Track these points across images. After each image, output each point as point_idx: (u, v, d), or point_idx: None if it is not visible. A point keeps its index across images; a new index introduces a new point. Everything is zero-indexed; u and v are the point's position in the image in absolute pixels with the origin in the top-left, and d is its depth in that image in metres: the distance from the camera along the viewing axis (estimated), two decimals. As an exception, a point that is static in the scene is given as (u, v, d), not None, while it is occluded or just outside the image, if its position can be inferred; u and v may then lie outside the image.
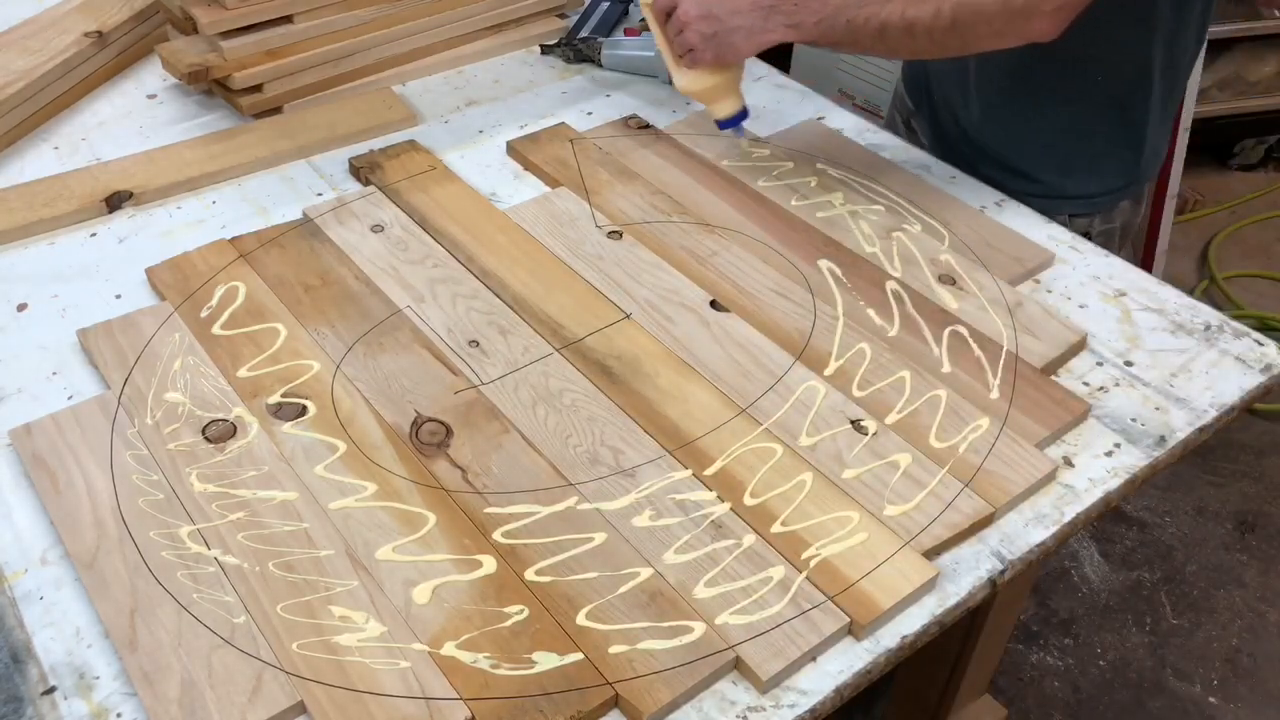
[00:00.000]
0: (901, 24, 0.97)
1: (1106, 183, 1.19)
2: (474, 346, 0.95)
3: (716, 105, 1.13)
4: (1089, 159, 1.18)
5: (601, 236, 1.08)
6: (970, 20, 0.94)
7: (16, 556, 0.79)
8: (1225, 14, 2.46)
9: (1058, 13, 0.93)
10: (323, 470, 0.84)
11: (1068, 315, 1.00)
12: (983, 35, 0.96)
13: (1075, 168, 1.18)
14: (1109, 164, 1.18)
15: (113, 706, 0.70)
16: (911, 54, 1.02)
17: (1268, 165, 2.88)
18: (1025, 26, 0.94)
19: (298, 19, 1.27)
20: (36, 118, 1.27)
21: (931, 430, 0.87)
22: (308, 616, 0.73)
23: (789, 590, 0.75)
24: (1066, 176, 1.19)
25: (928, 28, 0.96)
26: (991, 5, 0.93)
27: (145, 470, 0.83)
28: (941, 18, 0.95)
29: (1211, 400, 0.93)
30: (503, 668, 0.70)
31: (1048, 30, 0.94)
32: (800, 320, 0.98)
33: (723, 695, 0.71)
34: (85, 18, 1.37)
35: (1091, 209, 1.20)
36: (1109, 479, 0.86)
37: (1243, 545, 1.98)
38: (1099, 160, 1.18)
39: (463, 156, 1.23)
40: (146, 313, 0.98)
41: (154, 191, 1.15)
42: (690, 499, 0.82)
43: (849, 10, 0.99)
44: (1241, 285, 2.53)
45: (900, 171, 1.18)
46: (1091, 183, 1.19)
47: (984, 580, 0.79)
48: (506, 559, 0.77)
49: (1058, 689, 1.74)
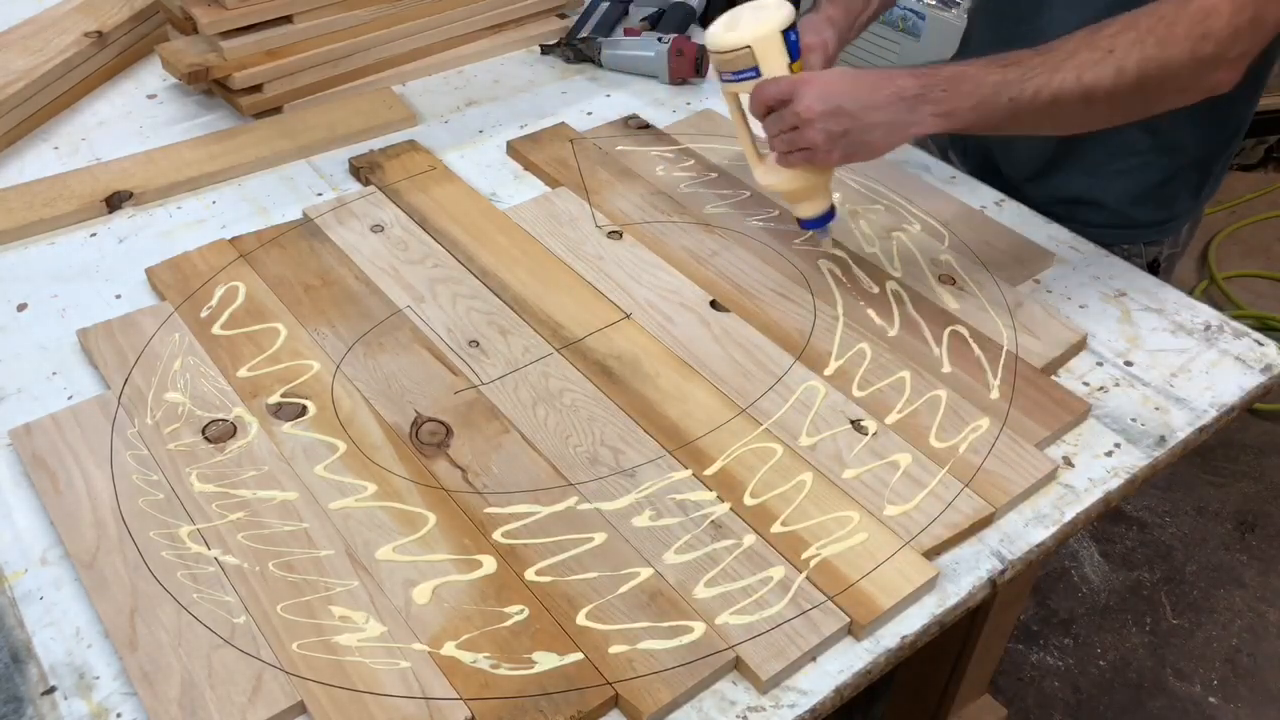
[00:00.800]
0: (1078, 92, 0.85)
1: (1174, 209, 1.15)
2: (474, 346, 0.95)
3: (805, 205, 0.99)
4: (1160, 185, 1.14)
5: (601, 236, 1.08)
6: (1157, 77, 0.84)
7: (16, 556, 0.79)
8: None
9: (1240, 60, 0.85)
10: (323, 470, 0.84)
11: (1068, 315, 1.00)
12: (1169, 92, 0.86)
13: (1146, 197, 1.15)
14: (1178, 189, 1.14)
15: (113, 706, 0.70)
16: (1080, 125, 0.90)
17: (1268, 165, 2.88)
18: (1211, 78, 0.85)
19: (298, 19, 1.27)
20: (36, 118, 1.27)
21: (931, 430, 0.87)
22: (308, 616, 0.73)
23: (789, 590, 0.75)
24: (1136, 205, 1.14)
25: (1109, 92, 0.84)
26: (1180, 57, 0.83)
27: (145, 470, 0.83)
28: (1125, 78, 0.84)
29: (1211, 400, 0.93)
30: (503, 668, 0.70)
31: (1229, 80, 0.86)
32: (800, 320, 0.98)
33: (723, 695, 0.71)
34: (85, 18, 1.37)
35: (1162, 235, 1.17)
36: (1109, 479, 0.86)
37: (1243, 545, 1.98)
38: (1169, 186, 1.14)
39: (463, 156, 1.23)
40: (146, 313, 0.98)
41: (154, 191, 1.15)
42: (690, 499, 0.82)
43: (1011, 88, 0.86)
44: (1241, 285, 2.53)
45: (900, 171, 1.18)
46: (1159, 210, 1.16)
47: (984, 580, 0.79)
48: (506, 559, 0.77)
49: (1058, 689, 1.74)
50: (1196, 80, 0.86)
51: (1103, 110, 0.87)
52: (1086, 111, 0.87)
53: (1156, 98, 0.87)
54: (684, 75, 1.36)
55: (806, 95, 0.89)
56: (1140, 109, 0.89)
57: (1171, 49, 0.83)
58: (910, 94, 0.87)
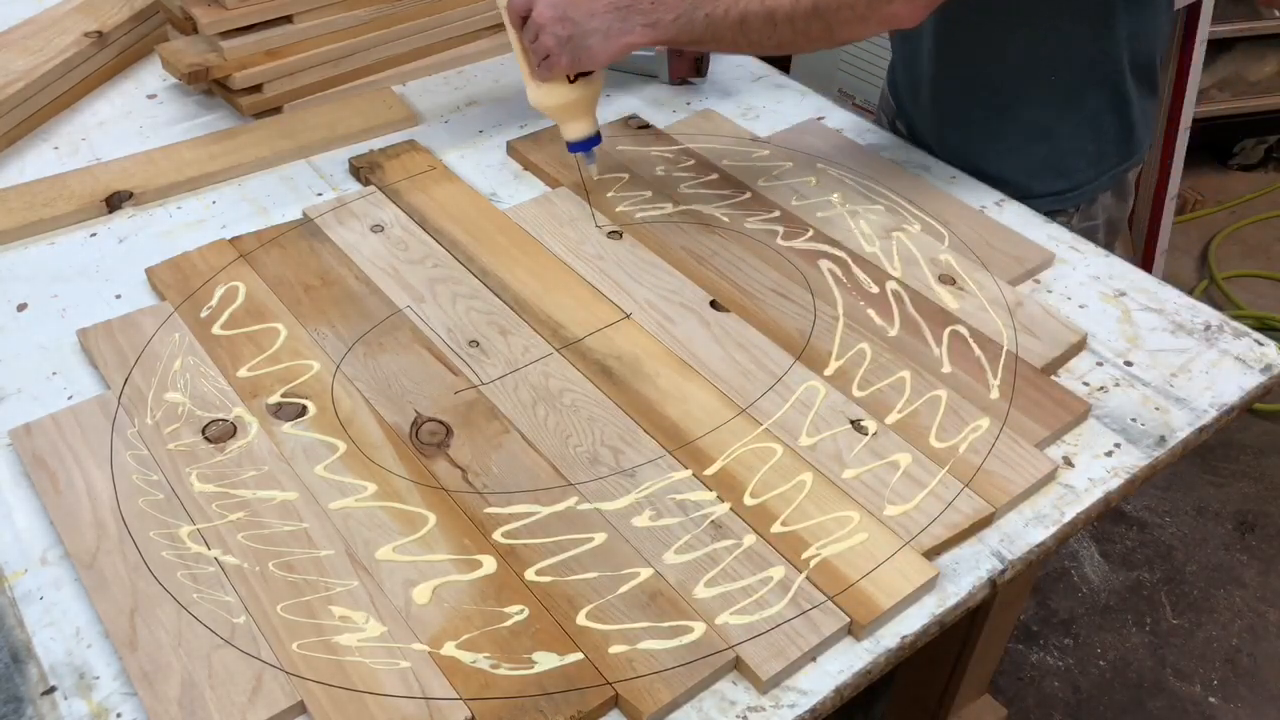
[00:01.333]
0: (762, 13, 0.94)
1: (1074, 178, 1.18)
2: (474, 346, 0.95)
3: (569, 125, 1.07)
4: (1053, 157, 1.17)
5: (601, 236, 1.08)
6: (831, 5, 0.92)
7: (16, 556, 0.79)
8: (1225, 14, 2.46)
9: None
10: (323, 470, 0.84)
11: (1068, 315, 1.00)
12: (845, 20, 0.93)
13: (1039, 167, 1.17)
14: (1074, 160, 1.17)
15: (113, 706, 0.70)
16: (776, 47, 0.97)
17: (1268, 165, 2.88)
18: (887, 10, 0.92)
19: (298, 19, 1.27)
20: (36, 118, 1.27)
21: (931, 430, 0.87)
22: (308, 616, 0.73)
23: (789, 590, 0.75)
24: (1032, 177, 1.17)
25: (789, 15, 0.93)
26: None
27: (145, 470, 0.83)
28: (802, 3, 0.92)
29: (1211, 400, 0.93)
30: (503, 668, 0.70)
31: (909, 15, 0.93)
32: (800, 320, 0.98)
33: (723, 695, 0.71)
34: (85, 18, 1.37)
35: (1063, 205, 1.19)
36: (1109, 479, 0.86)
37: (1243, 545, 1.98)
38: (1064, 157, 1.17)
39: (463, 156, 1.23)
40: (146, 313, 0.98)
41: (154, 191, 1.15)
42: (690, 499, 0.82)
43: (706, 4, 0.95)
44: (1241, 285, 2.53)
45: (900, 171, 1.18)
46: (1058, 180, 1.18)
47: (984, 580, 0.79)
48: (506, 559, 0.77)
49: (1058, 689, 1.74)
50: (872, 10, 0.92)
51: (787, 32, 0.95)
52: (774, 32, 0.95)
53: (835, 24, 0.94)
54: (684, 75, 1.36)
55: (540, 3, 1.00)
56: (823, 33, 0.95)
57: None
58: (623, 4, 0.98)
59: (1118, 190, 1.23)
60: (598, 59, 1.00)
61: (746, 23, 0.95)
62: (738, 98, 1.34)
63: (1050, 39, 1.09)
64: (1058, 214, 1.18)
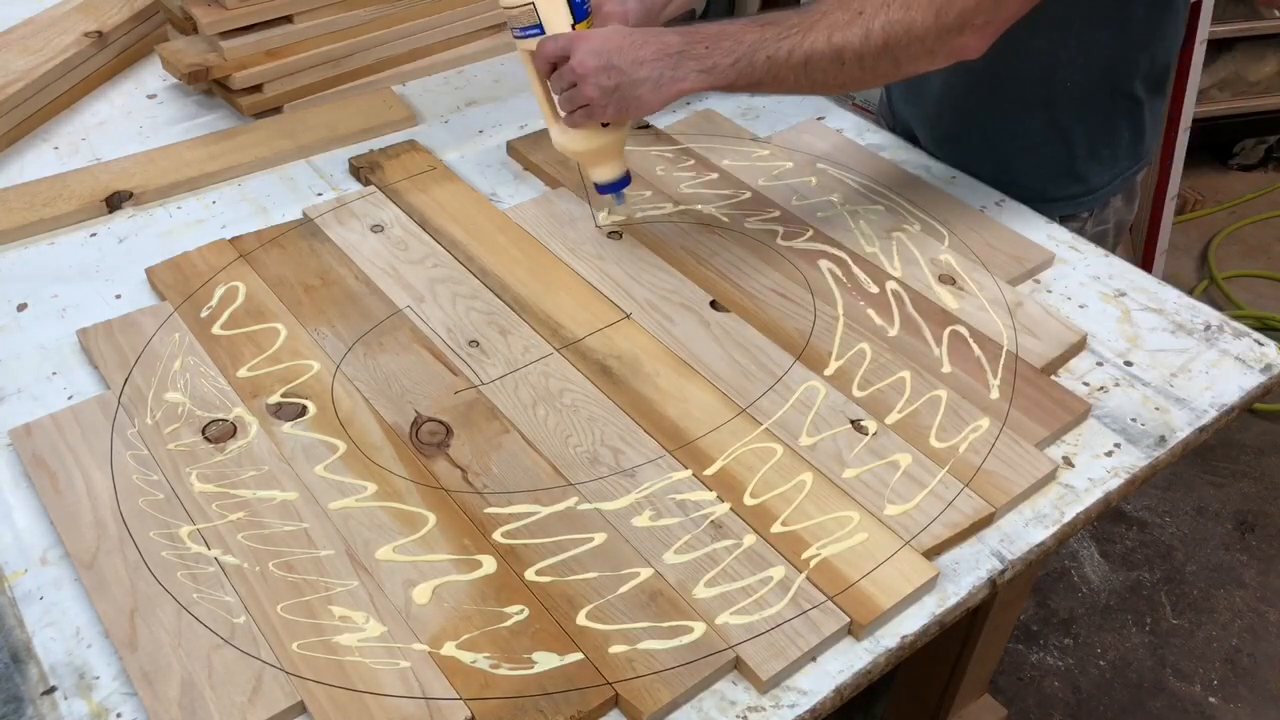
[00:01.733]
0: (829, 52, 0.89)
1: (1089, 182, 1.18)
2: (474, 346, 0.95)
3: (598, 168, 1.03)
4: (1069, 160, 1.16)
5: (601, 236, 1.08)
6: (903, 39, 0.89)
7: (16, 556, 0.79)
8: (1225, 14, 2.46)
9: (987, 27, 0.89)
10: (323, 470, 0.84)
11: (1068, 315, 1.00)
12: (915, 55, 0.90)
13: (1056, 171, 1.17)
14: (1088, 164, 1.17)
15: (113, 706, 0.70)
16: (840, 85, 0.93)
17: (1268, 165, 2.88)
18: (956, 43, 0.89)
19: (298, 19, 1.27)
20: (36, 118, 1.27)
21: (931, 430, 0.87)
22: (308, 616, 0.73)
23: (789, 590, 0.75)
24: (1048, 181, 1.17)
25: (858, 52, 0.89)
26: (924, 22, 0.88)
27: (145, 470, 0.83)
28: (871, 40, 0.89)
29: (1211, 400, 0.93)
30: (503, 668, 0.70)
31: (977, 47, 0.91)
32: (800, 320, 0.98)
33: (723, 695, 0.71)
34: (85, 18, 1.37)
35: (1078, 209, 1.19)
36: (1109, 479, 0.86)
37: (1243, 545, 1.98)
38: (1078, 161, 1.17)
39: (463, 156, 1.23)
40: (146, 313, 0.98)
41: (154, 191, 1.15)
42: (690, 499, 0.82)
43: (768, 46, 0.90)
44: (1241, 285, 2.53)
45: (900, 171, 1.18)
46: (1074, 184, 1.18)
47: (984, 580, 0.79)
48: (506, 559, 0.77)
49: (1058, 689, 1.74)
50: (941, 44, 0.89)
51: (854, 70, 0.91)
52: (840, 71, 0.91)
53: (905, 59, 0.91)
54: (684, 75, 1.35)
55: (580, 51, 0.93)
56: (890, 70, 0.92)
57: (915, 13, 0.88)
58: (674, 50, 0.92)
59: (1127, 193, 1.23)
60: (647, 108, 0.94)
61: (811, 63, 0.90)
62: (738, 98, 1.34)
63: (1069, 45, 1.08)
64: (1070, 219, 1.18)
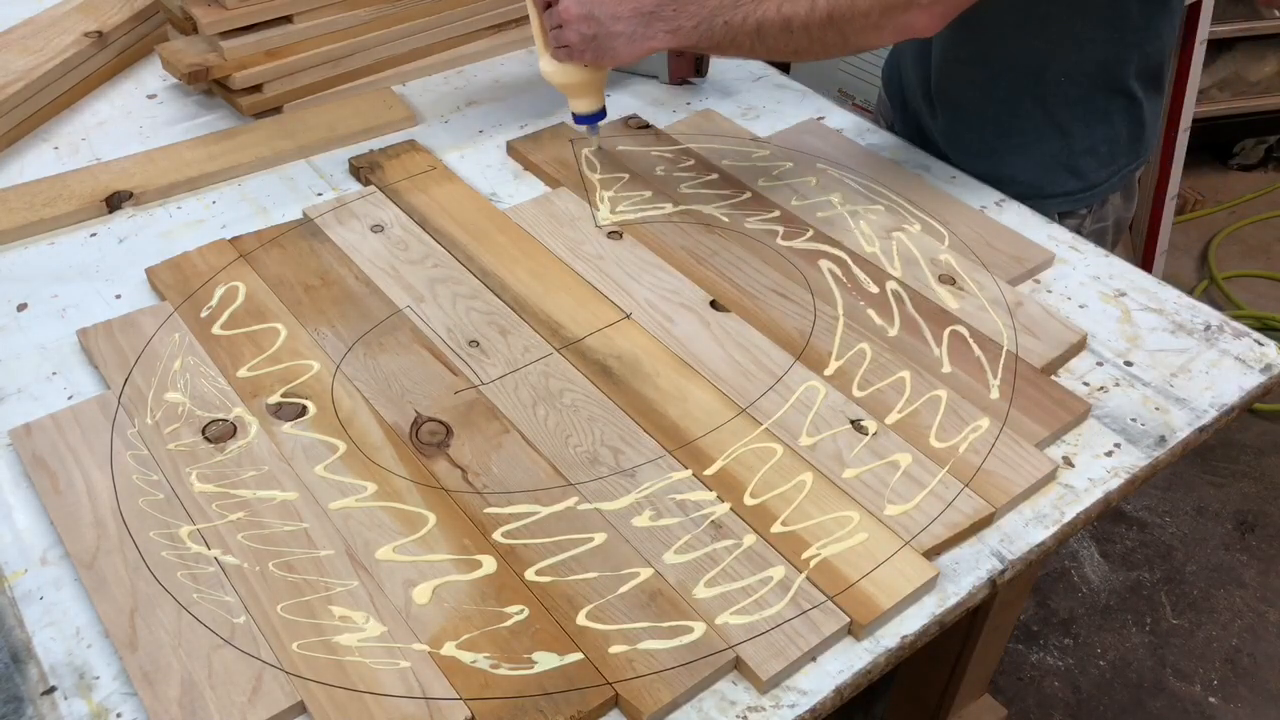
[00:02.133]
0: (778, 20, 0.95)
1: (1087, 178, 1.18)
2: (474, 346, 0.96)
3: (578, 100, 1.12)
4: (1065, 156, 1.17)
5: (601, 236, 1.08)
6: (846, 14, 0.92)
7: (16, 556, 0.79)
8: (1225, 14, 2.46)
9: (935, 6, 0.91)
10: (323, 470, 0.84)
11: (1068, 315, 1.00)
12: (860, 29, 0.93)
13: (1053, 166, 1.17)
14: (1086, 160, 1.17)
15: (113, 706, 0.70)
16: (794, 53, 0.98)
17: (1268, 165, 2.88)
18: (902, 19, 0.92)
19: (298, 19, 1.27)
20: (36, 118, 1.27)
21: (931, 430, 0.87)
22: (308, 616, 0.73)
23: (789, 590, 0.75)
24: (1045, 176, 1.18)
25: (804, 23, 0.94)
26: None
27: (145, 470, 0.83)
28: (817, 11, 0.93)
29: (1211, 400, 0.93)
30: (503, 668, 0.70)
31: (927, 25, 0.93)
32: (800, 320, 0.98)
33: (723, 695, 0.71)
34: (85, 18, 1.37)
35: (1076, 205, 1.19)
36: (1109, 479, 0.86)
37: (1243, 545, 1.98)
38: (1076, 157, 1.17)
39: (463, 156, 1.23)
40: (146, 313, 0.98)
41: (154, 191, 1.15)
42: (690, 499, 0.82)
43: (725, 11, 0.97)
44: (1241, 285, 2.53)
45: (900, 171, 1.18)
46: (1071, 180, 1.18)
47: (984, 580, 0.79)
48: (506, 559, 0.77)
49: (1058, 689, 1.74)
50: (887, 19, 0.92)
51: (803, 40, 0.95)
52: (790, 39, 0.96)
53: (851, 32, 0.94)
54: (684, 75, 1.36)
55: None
56: (838, 41, 0.95)
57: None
58: (647, 10, 0.99)
59: (1126, 191, 1.23)
60: (619, 60, 1.03)
61: (763, 30, 0.96)
62: (738, 98, 1.34)
63: (1065, 42, 1.09)
64: (1069, 215, 1.18)
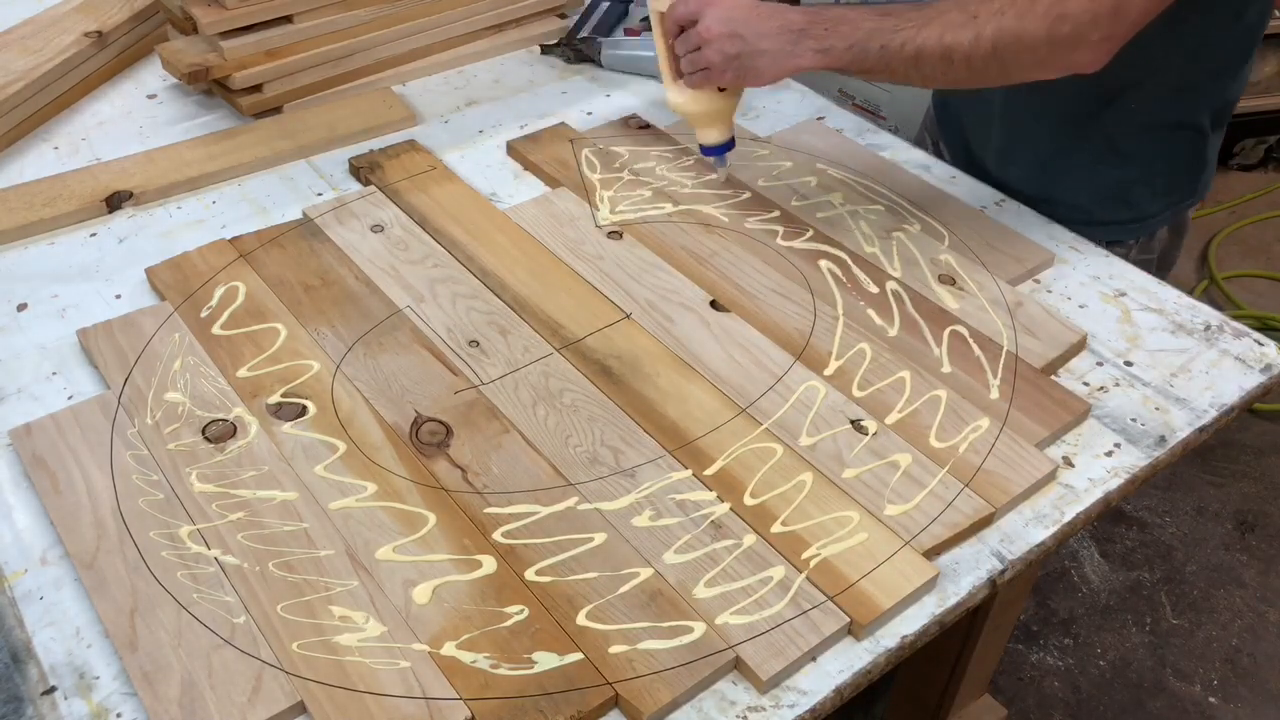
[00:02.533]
0: (939, 49, 0.91)
1: (1139, 209, 1.15)
2: (474, 346, 0.96)
3: (708, 130, 1.08)
4: (1122, 184, 1.14)
5: (601, 236, 1.08)
6: (1012, 48, 0.88)
7: (16, 556, 0.79)
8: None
9: (1103, 43, 0.88)
10: (323, 470, 0.84)
11: (1068, 315, 1.00)
12: (1025, 64, 0.90)
13: (1106, 193, 1.15)
14: (1140, 190, 1.14)
15: (113, 706, 0.70)
16: (949, 83, 0.94)
17: (1268, 165, 2.88)
18: (1069, 57, 0.88)
19: (298, 19, 1.27)
20: (36, 118, 1.27)
21: (931, 430, 0.87)
22: (308, 616, 0.73)
23: (789, 590, 0.75)
24: (1096, 202, 1.15)
25: (966, 55, 0.90)
26: (1036, 32, 0.87)
27: (145, 470, 0.83)
28: (981, 44, 0.89)
29: (1211, 400, 0.93)
30: (503, 668, 0.70)
31: (1092, 61, 0.89)
32: (800, 320, 0.98)
33: (723, 695, 0.71)
34: (85, 18, 1.37)
35: (1124, 235, 1.16)
36: (1109, 479, 0.86)
37: (1243, 545, 1.98)
38: (1132, 186, 1.14)
39: (463, 156, 1.23)
40: (146, 313, 0.98)
41: (154, 191, 1.15)
42: (690, 499, 0.82)
43: (883, 35, 0.93)
44: (1241, 285, 2.53)
45: (900, 171, 1.18)
46: (1121, 209, 1.15)
47: (984, 580, 0.79)
48: (506, 559, 0.77)
49: (1058, 689, 1.74)
50: (1054, 57, 0.89)
51: (962, 71, 0.92)
52: (948, 70, 0.92)
53: (1014, 67, 0.91)
54: (684, 75, 1.35)
55: (709, 16, 0.97)
56: (999, 75, 0.92)
57: (1029, 23, 0.87)
58: (797, 28, 0.96)
59: (1176, 226, 1.20)
60: (763, 79, 0.99)
61: (921, 59, 0.92)
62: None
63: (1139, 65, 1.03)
64: (1115, 245, 1.15)
